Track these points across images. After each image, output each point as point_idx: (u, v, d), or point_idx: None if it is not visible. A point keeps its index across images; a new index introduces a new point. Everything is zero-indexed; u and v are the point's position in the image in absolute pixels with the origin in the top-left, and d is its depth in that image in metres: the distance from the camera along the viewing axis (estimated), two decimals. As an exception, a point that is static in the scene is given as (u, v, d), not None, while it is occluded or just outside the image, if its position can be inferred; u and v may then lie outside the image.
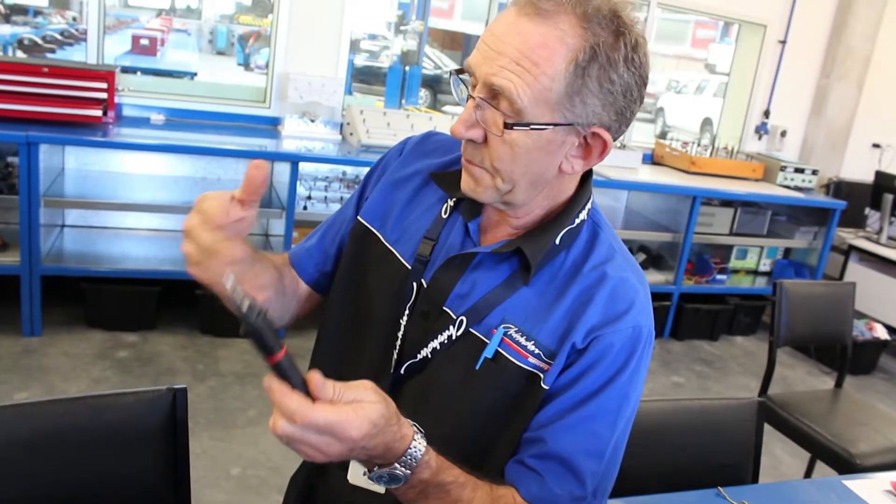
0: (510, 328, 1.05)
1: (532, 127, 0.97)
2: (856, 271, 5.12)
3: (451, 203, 1.16)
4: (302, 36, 4.32)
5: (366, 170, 4.35)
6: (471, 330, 1.07)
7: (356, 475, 1.12)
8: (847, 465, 2.43)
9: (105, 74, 3.67)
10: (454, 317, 1.09)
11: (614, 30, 0.95)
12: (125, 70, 4.07)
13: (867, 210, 5.55)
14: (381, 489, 1.11)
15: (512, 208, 1.08)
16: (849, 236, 5.28)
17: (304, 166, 3.99)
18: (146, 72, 6.53)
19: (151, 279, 3.75)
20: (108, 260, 3.83)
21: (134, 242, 4.11)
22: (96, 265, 3.70)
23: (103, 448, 1.24)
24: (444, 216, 1.16)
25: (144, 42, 6.84)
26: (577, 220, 1.10)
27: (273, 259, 1.19)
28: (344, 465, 1.13)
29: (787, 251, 5.47)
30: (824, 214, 5.16)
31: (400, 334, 1.13)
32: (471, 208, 1.13)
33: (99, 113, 3.62)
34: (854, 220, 5.49)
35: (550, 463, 1.02)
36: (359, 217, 1.23)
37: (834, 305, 2.83)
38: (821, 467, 2.83)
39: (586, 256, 1.09)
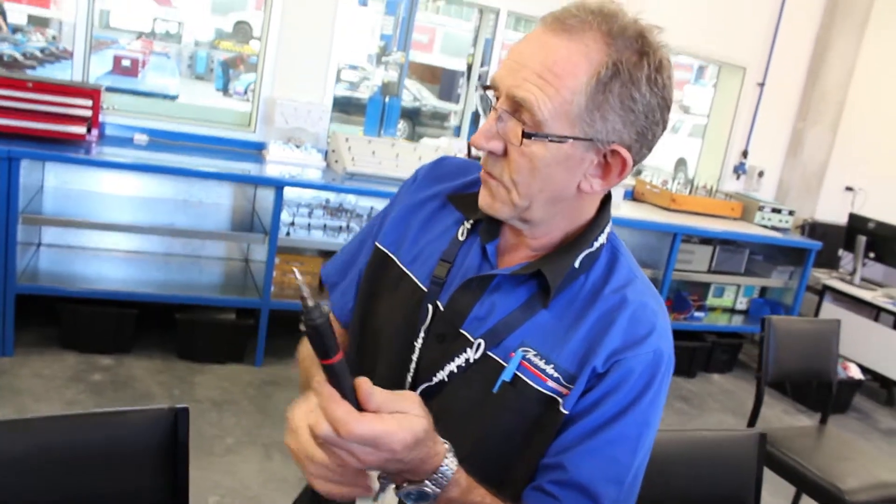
0: (529, 351, 1.04)
1: (550, 139, 0.97)
2: (830, 311, 5.18)
3: (468, 225, 1.15)
4: (289, 61, 4.32)
5: (350, 197, 4.37)
6: (489, 353, 1.06)
7: (366, 500, 1.09)
8: (836, 500, 2.44)
9: (91, 92, 3.64)
10: (472, 339, 1.07)
11: (639, 49, 0.96)
12: (107, 90, 4.03)
13: (840, 251, 5.63)
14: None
15: (529, 227, 1.07)
16: (823, 276, 5.35)
17: (287, 192, 3.96)
18: (127, 93, 6.48)
19: (128, 301, 3.68)
20: (84, 280, 3.75)
21: (112, 264, 4.04)
22: (72, 285, 3.62)
23: (101, 467, 1.21)
24: (461, 238, 1.15)
25: (126, 63, 6.80)
26: (597, 244, 1.09)
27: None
28: None
29: (764, 290, 5.53)
30: (800, 254, 5.23)
31: (414, 357, 1.11)
32: (489, 230, 1.12)
33: (83, 130, 3.57)
34: (828, 260, 5.57)
35: (569, 490, 1.00)
36: (376, 243, 1.23)
37: (820, 342, 2.86)
38: (806, 501, 2.84)
39: (606, 280, 1.08)
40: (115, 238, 4.11)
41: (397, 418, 0.83)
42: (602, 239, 1.10)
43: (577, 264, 1.07)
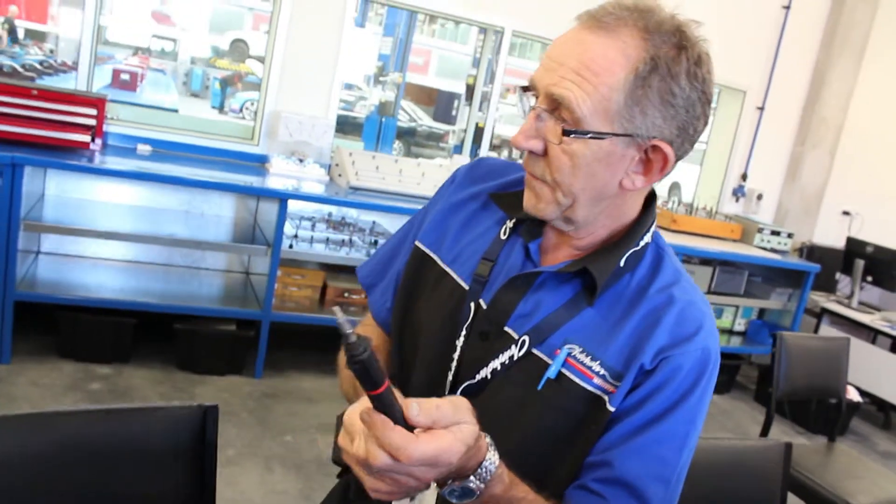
0: (574, 349, 1.03)
1: (591, 136, 0.96)
2: (828, 334, 5.18)
3: (510, 225, 1.15)
4: (295, 77, 4.33)
5: (352, 211, 4.35)
6: (533, 350, 1.05)
7: (403, 501, 1.07)
8: (848, 517, 2.42)
9: (95, 101, 3.63)
10: (516, 337, 1.06)
11: (676, 43, 0.96)
12: (110, 101, 4.02)
13: (838, 274, 5.65)
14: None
15: (574, 227, 1.06)
16: (821, 299, 5.36)
17: (290, 205, 3.95)
18: (129, 105, 6.47)
19: (128, 310, 3.64)
20: (83, 289, 3.71)
21: (111, 272, 4.00)
22: (71, 293, 3.58)
23: (124, 465, 1.18)
24: (503, 237, 1.14)
25: (125, 77, 6.80)
26: (642, 243, 1.09)
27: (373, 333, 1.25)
28: None
29: (762, 312, 5.53)
30: (799, 277, 5.24)
31: (455, 356, 1.10)
32: (531, 230, 1.12)
33: (87, 139, 3.55)
34: (826, 283, 5.58)
35: (616, 488, 0.99)
36: (416, 242, 1.22)
37: (830, 360, 2.85)
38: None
39: (651, 279, 1.07)
40: (115, 247, 4.08)
41: (453, 431, 0.81)
42: (647, 238, 1.09)
43: (622, 263, 1.06)
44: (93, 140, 3.59)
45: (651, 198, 1.12)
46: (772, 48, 5.53)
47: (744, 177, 5.72)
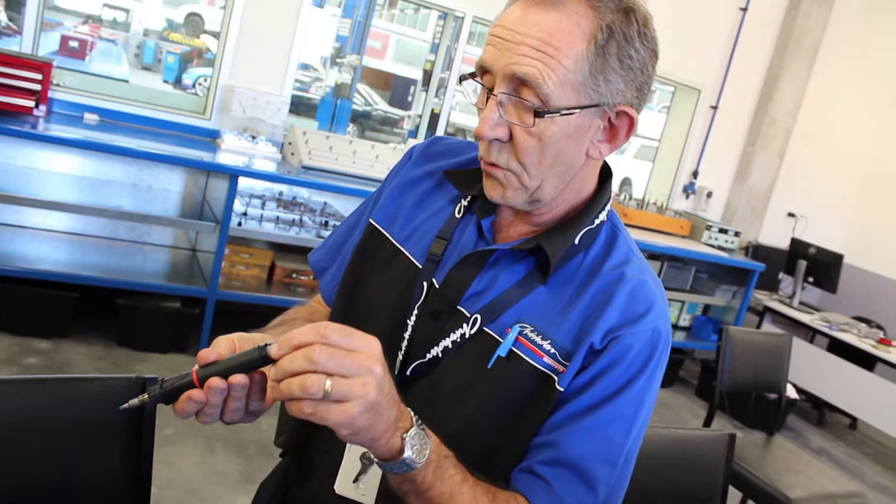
0: (526, 327, 1.01)
1: (562, 113, 0.94)
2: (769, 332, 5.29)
3: (464, 203, 1.13)
4: (250, 51, 4.24)
5: (304, 191, 4.29)
6: (485, 328, 1.03)
7: (345, 484, 1.05)
8: (783, 509, 2.48)
9: (41, 65, 3.51)
10: (468, 315, 1.04)
11: (622, 7, 0.96)
12: (57, 67, 3.88)
13: (781, 274, 5.78)
14: (369, 501, 1.03)
15: (538, 205, 1.04)
16: (764, 298, 5.48)
17: (240, 182, 3.88)
18: (78, 72, 6.25)
19: (68, 284, 3.53)
20: (22, 260, 3.59)
21: (53, 244, 3.88)
22: (9, 265, 3.45)
23: (59, 437, 1.13)
24: (458, 215, 1.12)
25: (74, 44, 6.58)
26: (597, 221, 1.07)
27: (307, 313, 1.22)
28: (331, 473, 1.05)
29: (707, 308, 5.62)
30: (744, 275, 5.34)
31: (406, 335, 1.07)
32: (485, 206, 1.09)
33: (31, 104, 3.44)
34: (769, 283, 5.71)
35: (560, 469, 0.97)
36: (370, 219, 1.19)
37: (773, 355, 2.90)
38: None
39: (605, 257, 1.06)
40: (57, 218, 3.96)
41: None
42: (602, 216, 1.08)
43: (576, 241, 1.05)
44: (37, 106, 3.47)
45: (607, 176, 1.10)
46: (727, 49, 5.61)
47: (695, 174, 5.80)
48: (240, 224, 3.88)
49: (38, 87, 3.48)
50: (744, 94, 5.82)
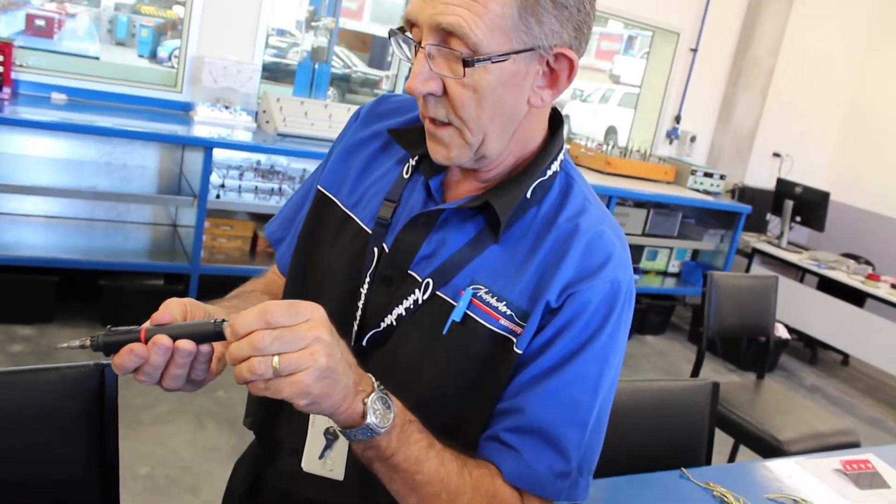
0: (480, 289, 0.97)
1: (493, 60, 0.89)
2: (758, 273, 5.29)
3: (412, 162, 1.07)
4: (217, 20, 4.14)
5: (282, 159, 4.22)
6: (438, 293, 0.98)
7: (311, 461, 1.02)
8: (774, 450, 2.48)
9: (1, 46, 3.41)
10: (420, 280, 1.00)
11: None
12: (20, 48, 3.79)
13: (768, 215, 5.76)
14: (338, 476, 1.01)
15: (486, 162, 0.99)
16: (752, 240, 5.46)
17: (217, 154, 3.81)
18: (44, 52, 6.11)
19: (49, 268, 3.49)
20: (1, 247, 3.54)
21: (30, 229, 3.82)
22: (-13, 252, 3.42)
23: (19, 430, 1.10)
24: (406, 176, 1.07)
25: (40, 23, 6.39)
26: (550, 172, 1.02)
27: (263, 285, 1.21)
28: (297, 451, 1.03)
29: (695, 253, 5.62)
30: (731, 218, 5.32)
31: (360, 304, 1.03)
32: (433, 165, 1.03)
33: (-7, 87, 3.36)
34: (756, 224, 5.69)
35: (527, 436, 0.94)
36: (318, 186, 1.14)
37: (759, 298, 2.89)
38: (744, 452, 2.91)
39: (560, 210, 1.01)
40: (32, 202, 3.89)
41: None
42: (555, 166, 1.03)
43: (528, 195, 1.00)
44: (0, 89, 3.39)
45: (558, 125, 1.06)
46: (705, -12, 5.51)
47: (677, 119, 5.74)
48: (218, 196, 3.83)
49: (-1, 68, 3.40)
50: (723, 35, 5.73)
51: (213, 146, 3.61)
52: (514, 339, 0.96)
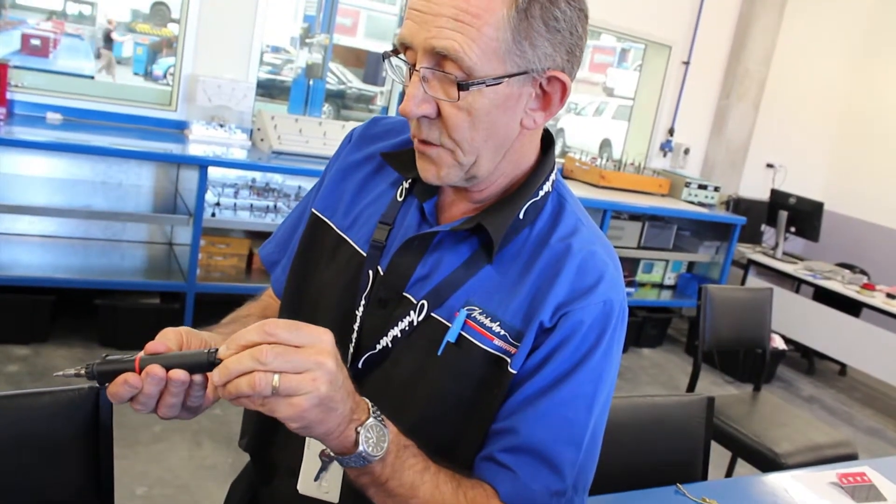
0: (474, 310, 0.98)
1: (487, 84, 0.90)
2: (755, 285, 5.30)
3: (405, 185, 1.08)
4: (212, 39, 4.16)
5: (277, 177, 4.23)
6: (432, 314, 0.99)
7: (307, 482, 1.03)
8: (771, 464, 2.48)
9: (-4, 67, 3.43)
10: (415, 301, 1.01)
11: None
12: (16, 68, 3.80)
13: (763, 226, 5.78)
14: (333, 498, 1.01)
15: (476, 182, 1.00)
16: (747, 251, 5.48)
17: (212, 172, 3.82)
18: (39, 71, 6.12)
19: (44, 288, 3.49)
20: (-4, 267, 3.55)
21: (26, 248, 3.82)
22: (-17, 272, 3.41)
23: (14, 454, 1.10)
24: (400, 199, 1.08)
25: (35, 42, 6.42)
26: (542, 193, 1.03)
27: (259, 309, 1.21)
28: (293, 472, 1.03)
29: (691, 265, 5.63)
30: (726, 229, 5.33)
31: (356, 326, 1.04)
32: (426, 188, 1.05)
33: (-11, 108, 3.36)
34: (751, 235, 5.70)
35: (523, 456, 0.95)
36: (312, 209, 1.15)
37: (754, 311, 2.90)
38: (741, 466, 2.90)
39: (552, 230, 1.02)
40: (28, 222, 3.90)
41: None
42: (547, 187, 1.04)
43: (521, 215, 1.01)
44: (-5, 109, 3.40)
45: (549, 145, 1.07)
46: (696, 2, 5.54)
47: (671, 131, 5.77)
48: (213, 215, 3.83)
49: (-6, 89, 3.41)
50: (715, 47, 5.77)
51: (208, 164, 3.62)
52: (509, 360, 0.96)
